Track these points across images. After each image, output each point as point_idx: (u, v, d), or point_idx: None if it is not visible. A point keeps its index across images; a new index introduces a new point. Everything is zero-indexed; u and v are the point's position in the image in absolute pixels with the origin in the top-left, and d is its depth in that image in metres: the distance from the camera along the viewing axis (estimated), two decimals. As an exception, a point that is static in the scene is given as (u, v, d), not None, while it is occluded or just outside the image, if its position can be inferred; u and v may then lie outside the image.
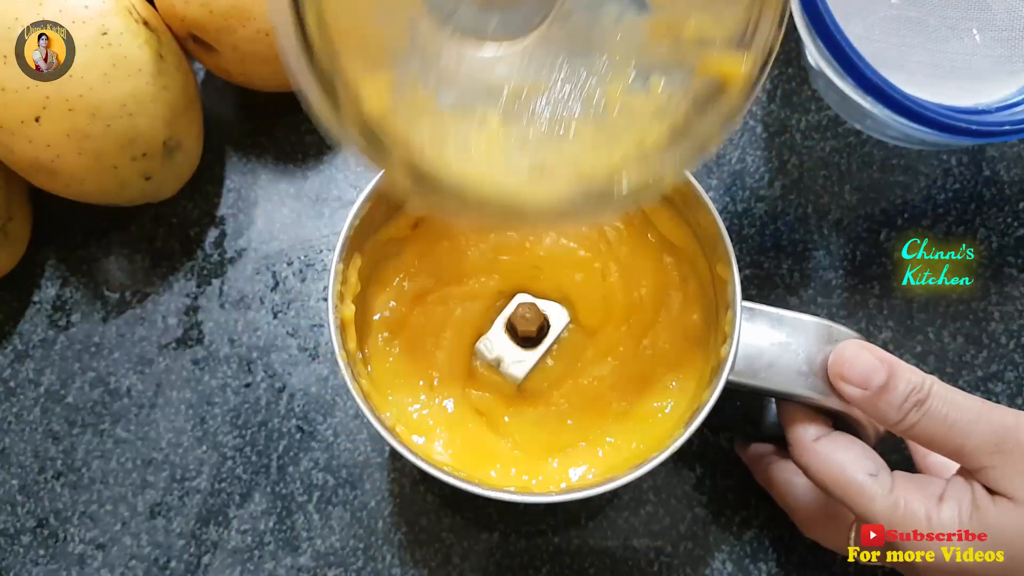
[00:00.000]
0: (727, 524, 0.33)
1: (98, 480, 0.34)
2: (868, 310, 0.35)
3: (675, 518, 0.33)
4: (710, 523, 0.33)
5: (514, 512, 0.33)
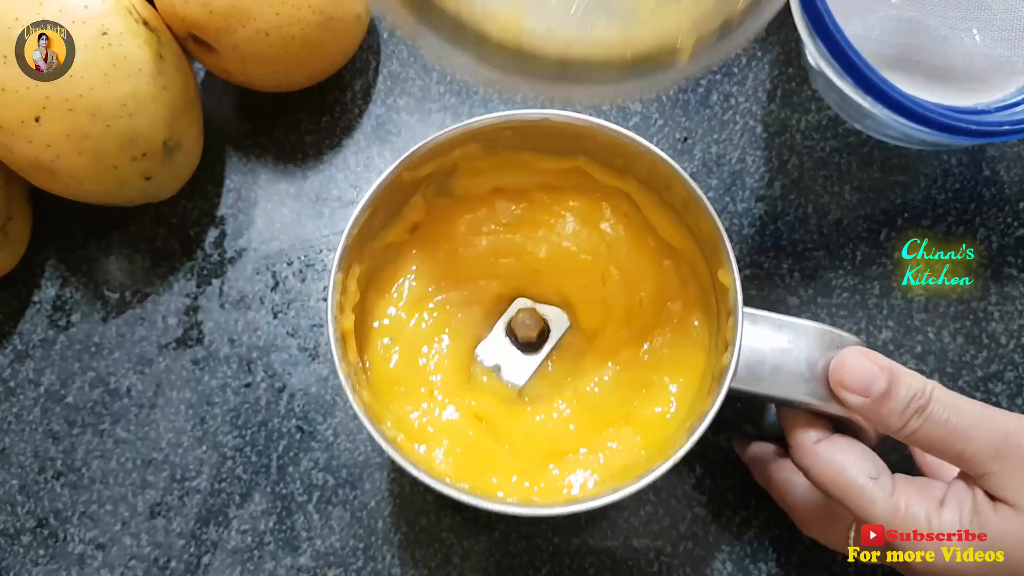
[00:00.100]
0: (727, 524, 0.33)
1: (98, 480, 0.34)
2: (868, 310, 0.35)
3: (675, 518, 0.33)
4: (710, 523, 0.33)
5: (514, 512, 0.33)
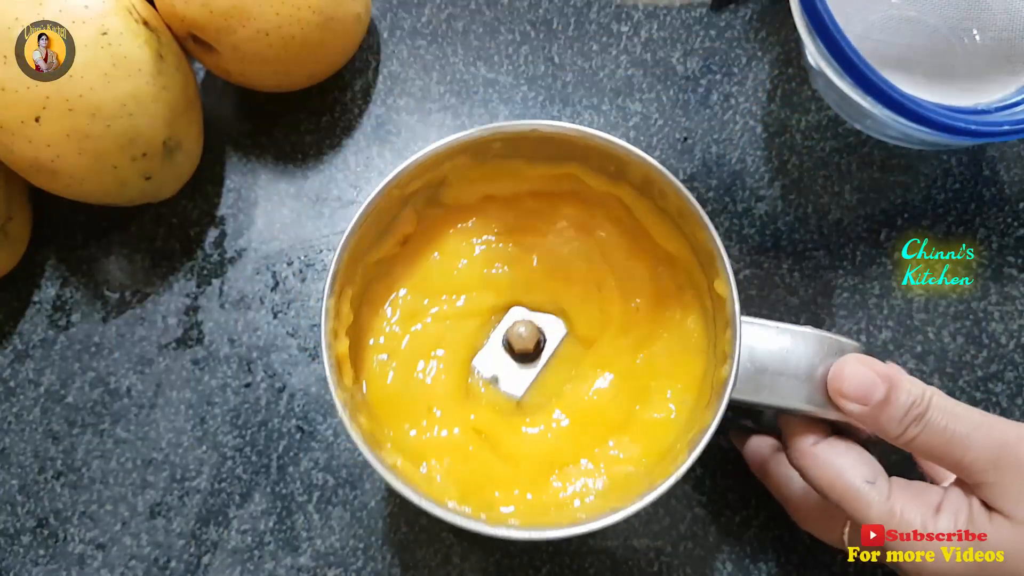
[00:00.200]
0: (727, 524, 0.33)
1: (98, 480, 0.34)
2: (868, 310, 0.35)
3: (675, 518, 0.33)
4: (710, 523, 0.33)
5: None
